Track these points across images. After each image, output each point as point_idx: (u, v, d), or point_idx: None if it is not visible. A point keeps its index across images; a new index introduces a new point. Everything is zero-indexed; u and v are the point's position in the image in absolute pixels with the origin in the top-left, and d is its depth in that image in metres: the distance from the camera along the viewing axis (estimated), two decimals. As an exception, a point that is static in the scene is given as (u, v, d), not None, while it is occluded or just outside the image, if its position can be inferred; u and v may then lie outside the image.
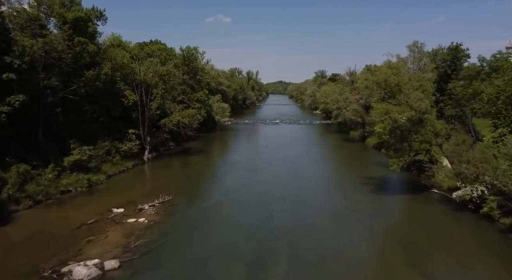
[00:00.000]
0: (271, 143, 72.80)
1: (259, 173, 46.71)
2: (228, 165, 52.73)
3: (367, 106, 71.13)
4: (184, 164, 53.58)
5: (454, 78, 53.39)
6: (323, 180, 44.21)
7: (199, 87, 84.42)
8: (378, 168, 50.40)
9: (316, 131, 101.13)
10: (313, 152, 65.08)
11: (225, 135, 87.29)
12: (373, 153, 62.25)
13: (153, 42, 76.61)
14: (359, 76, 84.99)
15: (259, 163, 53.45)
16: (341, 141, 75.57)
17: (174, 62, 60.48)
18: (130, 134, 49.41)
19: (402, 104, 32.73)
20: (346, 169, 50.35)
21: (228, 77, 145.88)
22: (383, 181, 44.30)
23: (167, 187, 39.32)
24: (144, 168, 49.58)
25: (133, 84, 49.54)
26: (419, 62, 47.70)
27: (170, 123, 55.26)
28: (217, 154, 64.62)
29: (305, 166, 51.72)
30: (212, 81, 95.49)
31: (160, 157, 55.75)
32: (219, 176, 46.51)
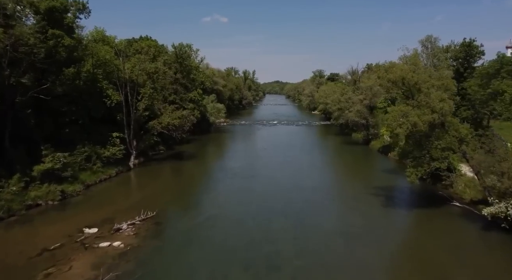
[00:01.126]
0: (269, 146, 68.24)
1: (257, 181, 42.13)
2: (223, 171, 48.10)
3: (371, 107, 66.87)
4: (174, 170, 48.88)
5: (468, 77, 49.12)
6: (328, 190, 39.70)
7: (192, 87, 79.92)
8: (386, 175, 46.10)
9: (315, 132, 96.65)
10: (314, 156, 60.56)
11: (220, 138, 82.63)
12: (378, 158, 57.86)
13: (143, 38, 71.82)
14: (360, 75, 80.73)
15: (257, 169, 48.88)
16: (343, 144, 71.14)
17: (163, 59, 55.67)
18: (114, 138, 44.66)
19: (422, 106, 28.25)
20: (351, 177, 45.89)
21: (224, 76, 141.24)
22: (394, 191, 39.92)
23: (153, 199, 34.79)
24: (129, 175, 44.83)
25: (117, 82, 44.74)
26: (433, 58, 43.34)
27: (159, 125, 50.52)
28: (211, 159, 59.92)
29: (306, 172, 47.21)
30: (207, 81, 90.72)
31: (148, 162, 51.01)
32: (212, 185, 41.85)
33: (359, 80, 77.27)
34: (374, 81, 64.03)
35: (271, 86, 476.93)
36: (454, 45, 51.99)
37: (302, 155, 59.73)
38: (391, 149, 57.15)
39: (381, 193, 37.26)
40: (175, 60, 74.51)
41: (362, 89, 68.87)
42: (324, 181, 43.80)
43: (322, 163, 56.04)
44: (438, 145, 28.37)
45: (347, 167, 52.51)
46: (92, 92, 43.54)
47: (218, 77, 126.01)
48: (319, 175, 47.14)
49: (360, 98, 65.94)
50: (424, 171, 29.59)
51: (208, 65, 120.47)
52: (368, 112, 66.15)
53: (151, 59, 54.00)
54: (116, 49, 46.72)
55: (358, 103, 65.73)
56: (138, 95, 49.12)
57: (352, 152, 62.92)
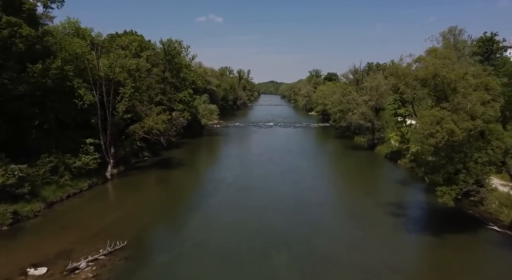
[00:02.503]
0: (266, 151, 62.37)
1: (253, 195, 36.23)
2: (215, 182, 42.19)
3: (377, 109, 61.30)
4: (159, 181, 42.81)
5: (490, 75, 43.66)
6: (336, 207, 33.92)
7: (182, 86, 73.93)
8: (399, 188, 40.56)
9: (315, 135, 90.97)
10: (316, 163, 54.83)
11: (213, 141, 76.58)
12: (387, 166, 52.26)
13: (127, 33, 65.59)
14: (363, 74, 75.19)
15: (253, 179, 42.98)
16: (346, 148, 65.47)
17: (146, 54, 49.45)
18: (87, 145, 38.56)
19: (458, 110, 22.59)
20: (360, 189, 40.19)
21: (217, 75, 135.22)
22: (413, 208, 34.22)
23: (128, 220, 28.86)
24: (104, 189, 38.71)
25: (91, 81, 38.58)
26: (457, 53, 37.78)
27: (141, 130, 44.44)
28: (202, 166, 53.83)
29: (309, 183, 41.42)
30: (198, 80, 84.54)
31: (129, 172, 44.91)
32: (202, 200, 35.83)
33: (362, 80, 71.66)
34: (380, 81, 58.64)
35: (266, 86, 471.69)
36: (471, 40, 46.61)
37: (302, 162, 53.96)
38: (400, 156, 51.60)
39: (398, 211, 31.62)
40: (164, 58, 68.63)
41: (367, 89, 63.33)
42: (330, 195, 38.04)
43: (325, 172, 50.34)
44: (479, 158, 22.71)
45: (354, 177, 46.78)
46: (60, 92, 37.37)
47: (212, 77, 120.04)
48: (323, 186, 41.42)
49: (364, 99, 60.34)
50: (459, 190, 23.89)
51: (201, 64, 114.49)
52: (374, 114, 60.58)
53: (134, 55, 47.84)
54: (89, 42, 40.41)
55: (362, 105, 60.11)
56: (117, 95, 43.12)
57: (357, 159, 57.24)
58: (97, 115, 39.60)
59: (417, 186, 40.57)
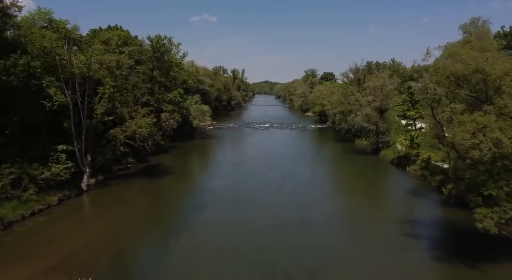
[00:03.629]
0: (261, 155, 57.74)
1: (249, 212, 31.52)
2: (205, 193, 37.51)
3: (381, 110, 56.97)
4: (141, 193, 37.88)
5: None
6: (344, 227, 29.23)
7: (173, 86, 69.16)
8: (412, 200, 36.23)
9: (312, 138, 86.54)
10: (317, 170, 50.33)
11: (206, 145, 71.72)
12: (394, 173, 47.87)
13: (111, 28, 60.52)
14: (364, 73, 70.83)
15: (249, 190, 38.28)
16: (348, 153, 61.01)
17: (128, 50, 44.33)
18: (59, 153, 33.63)
19: (504, 114, 18.13)
20: (370, 203, 35.59)
21: (210, 75, 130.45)
22: (433, 226, 29.70)
23: (99, 246, 24.07)
24: (77, 203, 33.72)
25: (62, 79, 33.57)
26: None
27: (122, 134, 39.54)
28: (193, 174, 48.95)
29: (311, 196, 36.81)
30: (190, 79, 79.76)
31: (109, 181, 39.99)
32: (189, 217, 31.00)
33: (364, 79, 67.32)
34: (385, 80, 54.33)
35: (260, 86, 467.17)
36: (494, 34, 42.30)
37: (302, 168, 49.42)
38: (409, 162, 47.24)
39: (417, 232, 27.25)
40: (152, 55, 63.76)
41: (369, 89, 58.99)
42: (336, 210, 33.42)
43: (328, 180, 45.82)
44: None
45: (360, 186, 42.19)
46: (27, 91, 32.40)
47: (205, 76, 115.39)
48: (326, 199, 36.88)
49: (368, 100, 55.94)
50: (504, 213, 19.42)
51: (193, 62, 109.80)
52: (378, 115, 56.23)
53: (116, 51, 42.85)
54: (64, 36, 35.32)
55: (366, 106, 55.72)
56: (95, 95, 38.25)
57: (361, 165, 52.76)
58: (70, 118, 34.65)
59: (432, 197, 36.24)
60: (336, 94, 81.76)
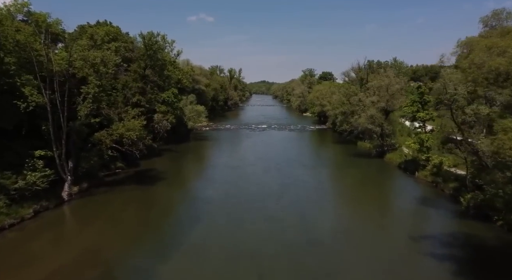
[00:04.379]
0: (260, 159, 54.54)
1: (247, 227, 28.19)
2: (200, 204, 34.24)
3: (387, 111, 53.90)
4: (129, 202, 34.45)
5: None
6: (357, 247, 25.89)
7: (166, 86, 65.86)
8: (426, 210, 33.22)
9: (312, 140, 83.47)
10: (320, 176, 47.19)
11: (201, 147, 68.41)
12: (402, 178, 44.78)
13: (100, 23, 57.03)
14: (366, 71, 67.70)
15: (247, 200, 34.98)
16: (351, 156, 57.91)
17: (115, 45, 40.71)
18: (35, 160, 30.23)
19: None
20: (381, 215, 32.19)
21: (207, 74, 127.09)
22: (457, 244, 26.26)
23: (75, 271, 20.71)
24: (57, 215, 30.26)
25: (38, 77, 30.15)
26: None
27: (108, 138, 36.16)
28: (186, 181, 45.46)
29: (316, 207, 33.61)
30: (184, 78, 76.36)
31: (94, 189, 36.61)
32: (179, 234, 27.50)
33: (367, 79, 64.23)
34: (391, 79, 51.26)
35: (257, 86, 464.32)
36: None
37: (303, 174, 46.23)
38: (418, 167, 44.14)
39: (439, 251, 24.12)
40: (144, 53, 60.37)
41: (373, 89, 55.94)
42: (345, 224, 30.04)
43: (333, 188, 42.55)
44: None
45: (368, 195, 38.77)
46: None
47: (201, 75, 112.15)
48: (333, 210, 33.70)
49: (373, 100, 52.83)
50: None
51: (188, 61, 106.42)
52: (383, 117, 53.14)
53: (101, 47, 39.33)
54: (39, 28, 31.73)
55: (370, 107, 52.61)
56: (79, 95, 34.90)
57: (366, 169, 49.62)
58: (49, 121, 31.20)
59: (447, 207, 33.15)
60: (337, 94, 78.65)
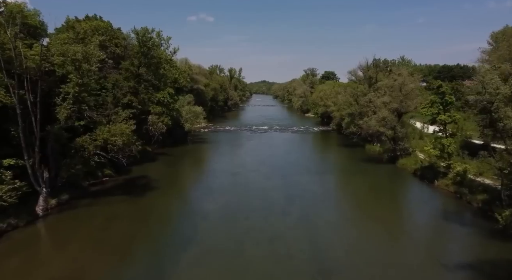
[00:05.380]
0: (262, 164, 50.31)
1: (248, 250, 23.98)
2: (195, 219, 30.01)
3: (399, 113, 49.67)
4: (115, 218, 29.98)
5: None
6: (378, 276, 21.74)
7: (162, 85, 61.76)
8: (455, 228, 28.96)
9: (317, 142, 79.22)
10: (328, 184, 43.05)
11: (199, 151, 64.13)
12: (420, 187, 40.54)
13: (89, 18, 52.79)
14: (377, 70, 63.43)
15: (248, 215, 30.73)
16: (360, 161, 53.58)
17: (99, 39, 36.10)
18: (2, 171, 26.02)
19: None
20: (404, 233, 27.95)
21: (206, 74, 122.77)
22: (504, 275, 22.21)
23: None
24: (27, 235, 25.87)
25: (4, 74, 25.96)
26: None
27: (91, 144, 31.94)
28: (181, 190, 40.69)
29: (326, 223, 29.47)
30: (181, 77, 72.17)
31: (76, 202, 32.37)
32: (170, 259, 23.42)
33: (377, 78, 60.02)
34: (405, 78, 47.04)
35: (258, 86, 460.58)
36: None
37: (310, 182, 41.95)
38: (437, 174, 39.92)
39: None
40: (139, 50, 56.26)
41: (384, 89, 51.76)
42: (362, 246, 25.68)
43: (343, 199, 38.07)
44: None
45: (384, 207, 34.17)
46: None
47: (199, 75, 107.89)
48: (347, 227, 29.43)
49: (384, 101, 48.58)
50: None
51: (187, 60, 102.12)
52: (396, 119, 48.90)
53: (84, 41, 35.09)
54: (13, 21, 27.54)
55: (382, 108, 48.38)
56: (57, 96, 30.72)
57: (379, 177, 45.39)
58: (22, 125, 26.98)
59: (478, 224, 28.84)
60: (343, 94, 74.52)
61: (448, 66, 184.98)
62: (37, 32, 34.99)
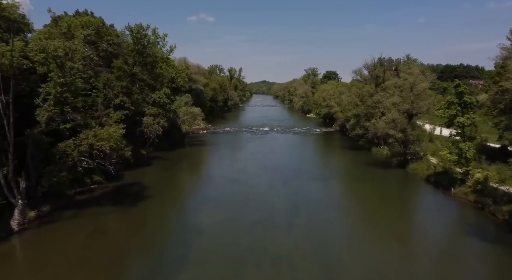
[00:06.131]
0: (263, 170, 47.20)
1: (249, 277, 20.95)
2: (189, 237, 26.93)
3: (410, 114, 46.58)
4: (97, 235, 26.71)
5: None
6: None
7: (158, 85, 58.85)
8: (481, 246, 25.62)
9: (320, 145, 76.03)
10: (337, 193, 40.03)
11: (196, 154, 60.97)
12: (435, 195, 37.41)
13: (79, 13, 49.70)
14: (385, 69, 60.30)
15: (249, 231, 27.62)
16: (367, 165, 50.46)
17: (83, 34, 32.81)
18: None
19: None
20: (427, 253, 24.97)
21: (205, 73, 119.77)
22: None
23: None
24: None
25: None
26: None
27: (75, 149, 28.84)
28: (175, 200, 37.02)
29: (337, 240, 26.42)
30: (179, 77, 69.13)
31: (58, 213, 29.29)
32: None
33: (384, 77, 56.93)
34: (417, 76, 43.95)
35: (258, 86, 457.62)
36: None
37: (316, 190, 38.86)
38: (454, 181, 36.82)
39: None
40: (133, 48, 53.34)
41: (393, 89, 48.70)
42: (381, 271, 22.69)
43: (355, 211, 34.50)
44: None
45: (400, 220, 30.90)
46: None
47: (198, 74, 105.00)
48: (361, 245, 26.25)
49: (394, 101, 45.47)
50: None
51: (186, 59, 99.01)
52: (407, 121, 45.78)
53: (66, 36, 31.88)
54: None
55: (392, 109, 45.28)
56: (37, 96, 27.67)
57: (389, 183, 42.31)
58: None
59: (507, 239, 25.76)
60: (347, 95, 71.52)
61: (451, 66, 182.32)
62: (19, 27, 31.99)
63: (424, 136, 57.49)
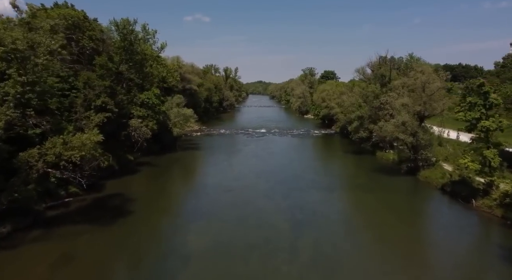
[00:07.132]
0: (261, 179, 43.04)
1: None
2: (173, 266, 22.70)
3: (422, 116, 42.60)
4: (65, 262, 22.41)
5: None
6: None
7: (147, 85, 54.71)
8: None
9: (320, 148, 71.94)
10: (344, 207, 35.90)
11: (189, 159, 56.60)
12: (453, 208, 33.46)
13: (58, 6, 45.21)
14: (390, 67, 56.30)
15: (246, 257, 23.47)
16: (374, 172, 46.32)
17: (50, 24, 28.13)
18: None
19: None
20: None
21: (199, 73, 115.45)
22: None
23: None
24: None
25: None
26: None
27: (39, 160, 24.47)
28: (160, 215, 32.19)
29: (347, 266, 22.26)
30: (170, 76, 64.85)
31: (21, 234, 24.92)
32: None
33: (390, 76, 52.93)
34: (429, 75, 39.97)
35: (254, 86, 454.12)
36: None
37: (320, 202, 34.74)
38: (475, 192, 32.82)
39: None
40: (120, 45, 49.07)
41: (400, 89, 44.76)
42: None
43: (365, 228, 30.43)
44: None
45: (417, 239, 27.03)
46: None
47: (192, 74, 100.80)
48: (377, 274, 22.18)
49: (404, 103, 41.47)
50: None
51: (179, 58, 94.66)
52: (417, 124, 41.80)
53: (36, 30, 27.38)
54: None
55: (401, 110, 41.28)
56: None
57: (400, 193, 38.30)
58: None
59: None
60: (348, 95, 67.59)
61: (450, 66, 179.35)
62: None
63: (433, 140, 53.69)
